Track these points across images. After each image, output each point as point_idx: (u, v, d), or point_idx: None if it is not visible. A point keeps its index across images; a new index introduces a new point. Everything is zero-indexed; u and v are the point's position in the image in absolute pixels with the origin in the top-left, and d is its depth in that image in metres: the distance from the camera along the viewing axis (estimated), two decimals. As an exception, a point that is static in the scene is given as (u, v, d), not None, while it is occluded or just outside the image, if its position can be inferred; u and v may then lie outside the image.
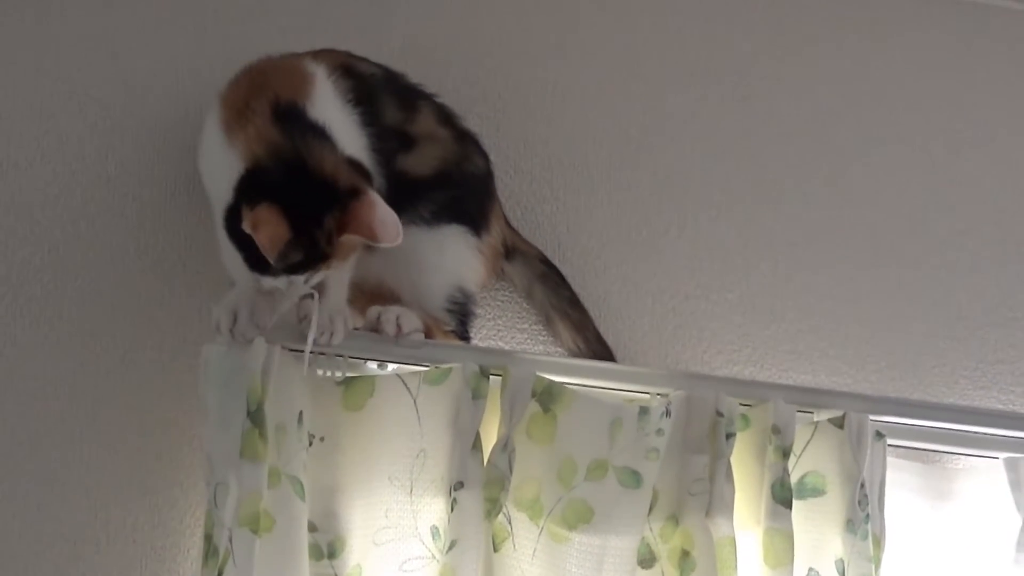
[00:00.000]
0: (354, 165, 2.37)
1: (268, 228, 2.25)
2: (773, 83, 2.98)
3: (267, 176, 2.30)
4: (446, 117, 2.63)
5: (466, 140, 2.64)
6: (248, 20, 2.77)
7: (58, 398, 2.55)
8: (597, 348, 2.72)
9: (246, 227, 2.26)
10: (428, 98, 2.63)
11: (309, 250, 2.30)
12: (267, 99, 2.37)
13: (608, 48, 2.92)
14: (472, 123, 2.68)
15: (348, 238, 2.33)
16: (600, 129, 2.87)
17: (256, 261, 2.31)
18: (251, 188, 2.30)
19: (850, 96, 3.01)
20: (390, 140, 2.51)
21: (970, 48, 3.09)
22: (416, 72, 2.66)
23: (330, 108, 2.43)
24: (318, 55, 2.52)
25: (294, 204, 2.28)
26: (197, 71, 2.71)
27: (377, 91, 2.53)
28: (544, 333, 2.74)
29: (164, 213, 2.64)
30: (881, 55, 3.05)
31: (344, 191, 2.32)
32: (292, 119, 2.35)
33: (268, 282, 2.34)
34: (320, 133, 2.36)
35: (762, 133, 2.95)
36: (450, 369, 2.46)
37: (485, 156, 2.66)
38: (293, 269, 2.31)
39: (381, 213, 2.32)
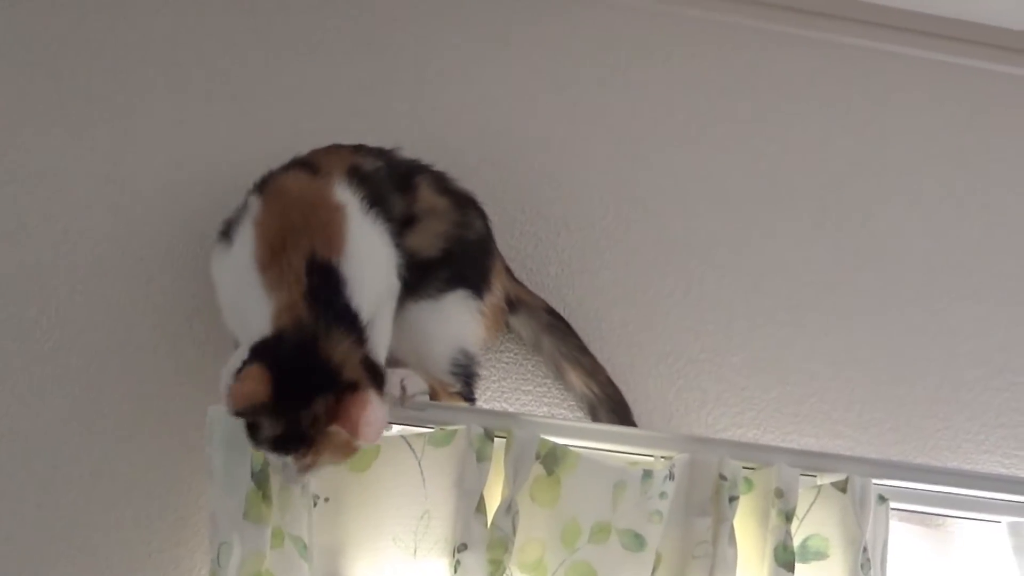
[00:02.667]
0: (368, 363, 2.35)
1: (248, 384, 2.26)
2: (779, 148, 3.00)
3: (278, 344, 2.30)
4: (443, 185, 2.65)
5: (464, 204, 2.66)
6: (254, 98, 2.80)
7: (64, 456, 2.56)
8: (610, 391, 2.73)
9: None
10: (424, 170, 2.65)
11: (290, 427, 2.29)
12: (303, 251, 2.37)
13: (614, 111, 2.94)
14: (479, 186, 2.70)
15: (336, 430, 2.30)
16: (606, 192, 2.89)
17: (249, 427, 2.31)
18: (261, 350, 2.30)
19: (855, 160, 3.03)
20: (398, 227, 2.54)
21: (973, 111, 3.11)
22: (422, 137, 2.70)
23: (363, 244, 2.44)
24: (331, 159, 2.54)
25: (289, 376, 2.27)
26: (205, 137, 2.74)
27: (384, 188, 2.54)
28: (548, 395, 2.75)
29: (171, 273, 2.66)
30: (887, 119, 3.07)
31: (343, 382, 2.31)
32: (325, 288, 2.35)
33: (269, 457, 2.34)
34: (350, 318, 2.36)
35: (767, 197, 2.97)
36: (455, 431, 2.47)
37: (483, 215, 2.68)
38: (274, 445, 2.30)
39: (371, 413, 2.30)
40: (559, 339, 2.73)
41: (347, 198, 2.47)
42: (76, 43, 2.74)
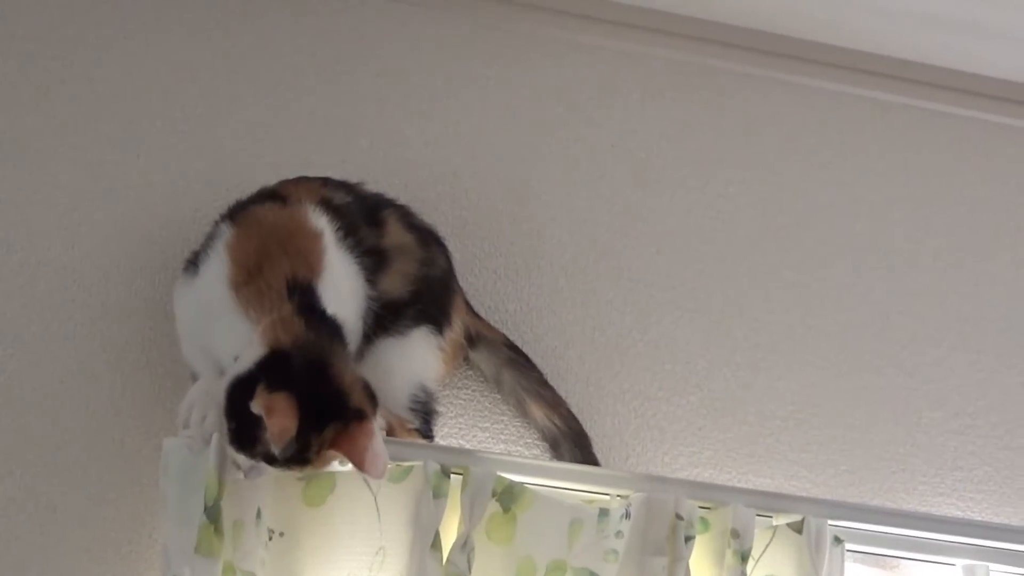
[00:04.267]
0: (366, 385, 2.36)
1: (282, 419, 2.23)
2: (739, 189, 3.01)
3: (290, 364, 2.29)
4: (408, 220, 2.66)
5: (428, 240, 2.67)
6: (215, 132, 2.79)
7: (19, 488, 2.54)
8: (572, 424, 2.73)
9: (257, 407, 2.24)
10: (390, 204, 2.65)
11: (299, 451, 2.29)
12: (282, 272, 2.37)
13: (575, 150, 2.94)
14: (439, 221, 2.71)
15: (333, 454, 2.32)
16: (566, 230, 2.89)
17: (241, 438, 2.30)
18: (272, 371, 2.28)
19: (815, 204, 3.04)
20: (370, 261, 2.54)
21: (934, 157, 3.13)
22: (384, 172, 2.69)
23: (336, 272, 2.44)
24: (300, 190, 2.54)
25: (308, 403, 2.26)
26: (164, 170, 2.74)
27: (354, 220, 2.55)
28: (504, 433, 2.75)
29: (128, 306, 2.64)
30: (846, 163, 3.08)
31: (352, 409, 2.31)
32: (310, 304, 2.36)
33: (237, 456, 2.33)
34: (337, 331, 2.36)
35: (727, 238, 2.97)
36: (411, 467, 2.46)
37: (445, 250, 2.69)
38: (272, 460, 2.30)
39: (376, 445, 2.31)
40: (520, 373, 2.72)
41: (323, 226, 2.47)
42: (34, 75, 2.73)
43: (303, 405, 2.25)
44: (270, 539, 2.41)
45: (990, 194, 3.14)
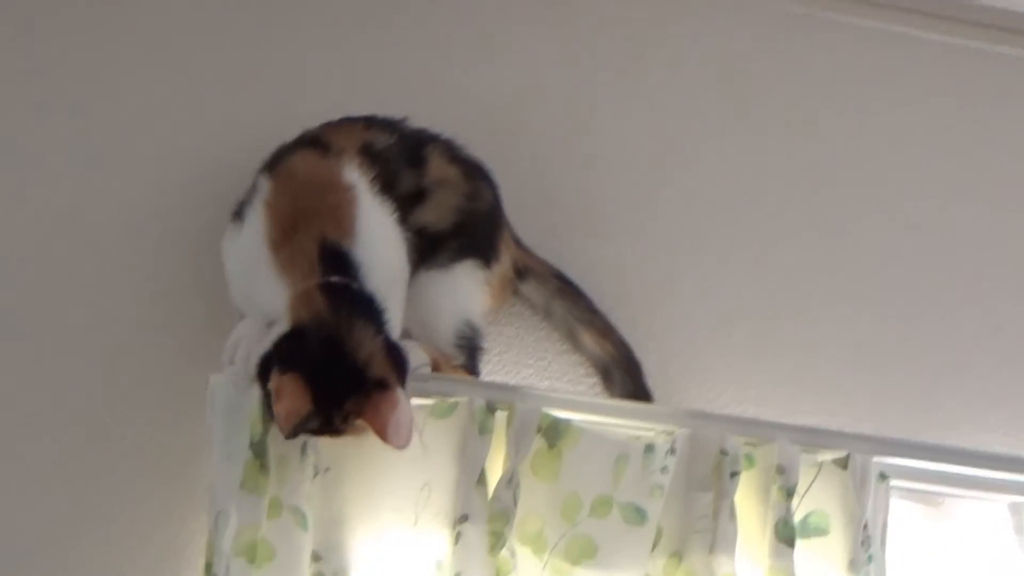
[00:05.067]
0: (392, 353, 2.35)
1: (287, 402, 2.25)
2: (778, 130, 3.00)
3: (305, 342, 2.30)
4: (453, 154, 2.65)
5: (474, 174, 2.66)
6: (256, 74, 2.79)
7: (66, 426, 2.55)
8: (624, 351, 2.73)
9: (271, 389, 2.27)
10: (434, 140, 2.65)
11: (324, 424, 2.30)
12: (314, 235, 2.38)
13: (620, 95, 2.94)
14: (489, 154, 2.67)
15: (362, 422, 2.32)
16: (607, 171, 2.89)
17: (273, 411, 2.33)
18: (286, 351, 2.30)
19: (863, 143, 3.03)
20: (408, 202, 2.54)
21: (982, 100, 3.12)
22: (434, 109, 2.68)
23: (372, 224, 2.45)
24: (342, 136, 2.53)
25: (321, 380, 2.27)
26: (216, 105, 2.75)
27: (395, 166, 2.55)
28: (550, 369, 2.75)
29: (175, 242, 2.65)
30: (884, 108, 3.07)
31: (372, 380, 2.31)
32: (339, 271, 2.36)
33: None
34: (362, 302, 2.36)
35: (768, 176, 2.97)
36: (456, 403, 2.47)
37: (492, 185, 2.68)
38: (303, 432, 2.32)
39: (399, 414, 2.30)
40: (570, 302, 2.73)
41: (356, 179, 2.47)
42: (64, 24, 2.72)
43: (317, 382, 2.27)
44: (316, 475, 2.42)
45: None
